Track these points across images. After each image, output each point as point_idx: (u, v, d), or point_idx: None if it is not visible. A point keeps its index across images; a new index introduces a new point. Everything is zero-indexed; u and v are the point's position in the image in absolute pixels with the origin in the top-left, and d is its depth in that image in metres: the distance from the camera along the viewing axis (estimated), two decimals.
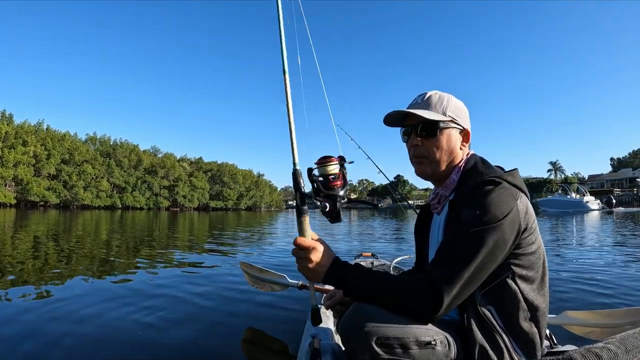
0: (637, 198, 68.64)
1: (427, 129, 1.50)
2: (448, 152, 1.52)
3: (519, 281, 1.33)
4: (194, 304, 4.05)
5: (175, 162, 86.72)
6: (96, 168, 71.15)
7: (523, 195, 1.37)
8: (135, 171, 78.95)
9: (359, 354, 1.25)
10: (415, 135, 1.52)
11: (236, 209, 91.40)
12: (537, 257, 1.38)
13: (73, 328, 3.21)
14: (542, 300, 1.38)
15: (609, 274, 5.60)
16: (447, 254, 1.28)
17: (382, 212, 57.09)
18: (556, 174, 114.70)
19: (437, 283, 1.21)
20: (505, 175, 1.39)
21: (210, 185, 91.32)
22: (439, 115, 1.49)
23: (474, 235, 1.25)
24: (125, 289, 4.73)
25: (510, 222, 1.27)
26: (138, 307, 3.85)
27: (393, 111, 1.55)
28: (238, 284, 4.89)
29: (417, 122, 1.51)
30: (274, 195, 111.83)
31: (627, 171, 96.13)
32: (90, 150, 73.57)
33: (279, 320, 3.54)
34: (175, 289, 4.70)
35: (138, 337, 3.03)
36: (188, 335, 3.10)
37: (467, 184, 1.42)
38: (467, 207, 1.31)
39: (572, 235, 13.02)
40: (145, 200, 78.13)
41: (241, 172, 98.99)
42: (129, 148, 79.90)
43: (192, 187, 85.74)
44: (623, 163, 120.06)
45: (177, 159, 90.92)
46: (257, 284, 3.82)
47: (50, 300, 4.04)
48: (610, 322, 2.19)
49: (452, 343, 1.28)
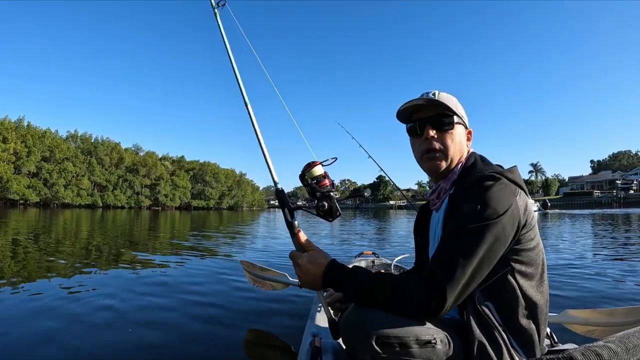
0: (616, 199, 69.78)
1: (444, 121, 1.48)
2: (459, 149, 1.51)
3: (519, 277, 1.33)
4: (193, 303, 4.02)
5: (157, 161, 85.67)
6: (77, 166, 69.79)
7: (522, 191, 1.36)
8: (117, 169, 77.72)
9: (359, 352, 1.26)
10: (430, 127, 1.49)
11: (218, 208, 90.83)
12: (536, 253, 1.37)
13: (69, 329, 3.18)
14: (541, 297, 1.37)
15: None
16: (448, 252, 1.26)
17: (364, 212, 57.24)
18: (537, 176, 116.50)
19: (439, 282, 1.21)
20: (505, 171, 1.38)
21: (192, 184, 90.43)
22: (454, 108, 1.48)
23: (474, 231, 1.24)
24: (119, 289, 4.61)
25: (509, 217, 1.27)
26: (134, 307, 3.83)
27: (409, 101, 1.51)
28: (238, 283, 4.90)
29: (433, 114, 1.49)
30: (256, 195, 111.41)
31: (606, 173, 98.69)
32: (71, 147, 72.02)
33: (279, 318, 3.55)
34: (174, 289, 4.66)
35: (135, 338, 3.01)
36: (189, 334, 3.09)
37: (467, 179, 1.42)
38: (467, 202, 1.30)
39: None
40: (127, 199, 77.00)
41: (223, 171, 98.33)
42: (111, 146, 78.56)
43: (174, 186, 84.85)
44: (603, 165, 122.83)
45: (159, 158, 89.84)
46: (258, 283, 3.81)
47: (45, 298, 4.03)
48: (611, 320, 2.19)
49: (452, 341, 1.28)
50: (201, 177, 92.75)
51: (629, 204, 63.35)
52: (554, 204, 69.09)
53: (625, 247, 9.37)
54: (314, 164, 1.56)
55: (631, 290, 4.74)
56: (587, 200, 73.44)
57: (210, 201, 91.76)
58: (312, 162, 1.57)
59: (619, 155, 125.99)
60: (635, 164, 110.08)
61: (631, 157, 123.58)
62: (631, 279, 5.38)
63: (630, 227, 15.88)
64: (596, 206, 60.55)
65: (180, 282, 5.08)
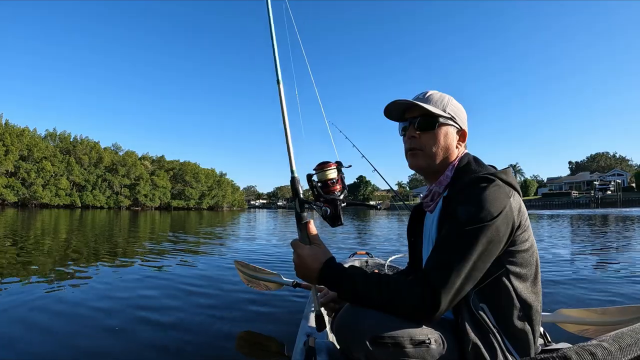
0: (594, 200, 70.34)
1: (426, 122, 1.49)
2: (444, 148, 1.51)
3: (513, 279, 1.32)
4: (186, 304, 4.00)
5: (136, 160, 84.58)
6: (55, 165, 68.62)
7: (516, 193, 1.37)
8: (96, 169, 76.58)
9: (353, 352, 1.26)
10: (413, 127, 1.51)
11: (198, 208, 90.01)
12: (530, 254, 1.37)
13: (62, 331, 3.17)
14: (535, 298, 1.37)
15: None
16: (443, 254, 1.26)
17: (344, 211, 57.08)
18: (516, 177, 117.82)
19: (435, 285, 1.21)
20: (499, 173, 1.38)
21: (172, 184, 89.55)
22: (438, 110, 1.48)
23: (469, 233, 1.24)
24: (110, 290, 4.59)
25: (504, 219, 1.27)
26: (126, 308, 3.82)
27: (393, 101, 1.53)
28: (232, 284, 4.87)
29: (416, 115, 1.51)
30: (236, 195, 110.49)
31: (584, 174, 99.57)
32: (49, 146, 70.90)
33: (273, 318, 3.53)
34: (167, 289, 4.65)
35: (133, 338, 3.00)
36: (182, 335, 3.07)
37: (461, 181, 1.41)
38: (461, 204, 1.30)
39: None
40: (106, 199, 75.81)
41: (203, 171, 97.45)
42: (90, 145, 77.35)
43: (154, 186, 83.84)
44: (581, 166, 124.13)
45: (139, 157, 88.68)
46: (252, 283, 3.79)
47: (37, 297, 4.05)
48: (604, 320, 2.19)
49: (446, 342, 1.28)
50: (181, 177, 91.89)
51: (606, 204, 64.94)
52: (532, 205, 70.27)
53: (606, 245, 9.65)
54: (328, 165, 1.49)
55: (613, 290, 4.80)
56: (565, 200, 73.78)
57: (191, 201, 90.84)
58: (325, 163, 1.49)
59: (597, 156, 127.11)
60: (612, 165, 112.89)
61: (609, 158, 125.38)
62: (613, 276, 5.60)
63: (608, 228, 16.18)
64: (574, 206, 61.59)
65: (172, 283, 5.04)
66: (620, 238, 11.78)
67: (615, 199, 69.37)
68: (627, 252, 8.64)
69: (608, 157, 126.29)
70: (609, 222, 20.96)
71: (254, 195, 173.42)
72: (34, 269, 5.98)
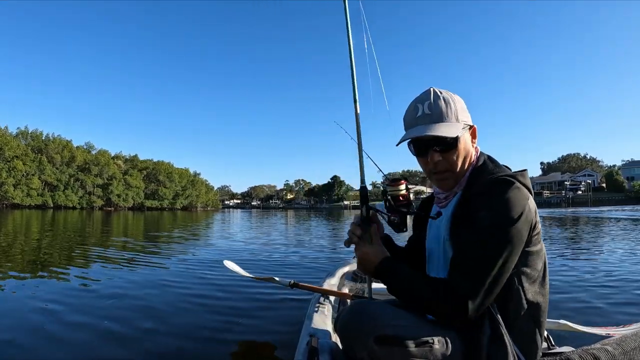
0: (565, 200, 71.25)
1: (448, 144, 1.43)
2: (465, 156, 1.47)
3: (523, 280, 1.32)
4: (185, 304, 3.94)
5: (109, 160, 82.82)
6: (27, 164, 66.55)
7: (531, 195, 1.36)
8: (68, 168, 74.73)
9: (357, 351, 1.26)
10: (434, 152, 1.44)
11: (172, 208, 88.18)
12: (540, 256, 1.36)
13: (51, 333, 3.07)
14: (543, 299, 1.36)
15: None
16: (468, 261, 1.26)
17: (318, 211, 57.08)
18: None
19: (463, 295, 1.21)
20: (517, 175, 1.36)
21: (146, 184, 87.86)
22: (455, 125, 1.41)
23: (494, 239, 1.24)
24: (101, 290, 4.52)
25: (524, 221, 1.26)
26: (118, 309, 3.75)
27: (414, 136, 1.44)
28: (232, 286, 4.74)
29: (436, 137, 1.40)
30: (210, 195, 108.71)
31: (556, 175, 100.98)
32: (21, 145, 68.71)
33: (275, 319, 3.46)
34: (163, 291, 4.54)
35: (130, 339, 2.95)
36: (180, 337, 3.01)
37: (479, 182, 1.39)
38: (483, 208, 1.28)
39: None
40: (78, 199, 73.98)
41: (177, 170, 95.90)
42: (62, 144, 75.44)
43: (127, 186, 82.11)
44: (552, 167, 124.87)
45: (112, 156, 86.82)
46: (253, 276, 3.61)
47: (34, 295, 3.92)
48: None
49: (450, 342, 1.28)
50: (155, 177, 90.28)
51: (577, 204, 65.87)
52: None
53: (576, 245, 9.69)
54: (400, 182, 1.58)
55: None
56: (536, 200, 72.65)
57: (164, 201, 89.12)
58: (398, 180, 1.58)
59: (568, 157, 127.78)
60: (583, 166, 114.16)
61: (580, 159, 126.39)
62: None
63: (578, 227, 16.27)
64: (546, 206, 61.95)
65: (165, 283, 4.96)
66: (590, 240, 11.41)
67: (586, 198, 70.45)
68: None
69: (579, 158, 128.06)
70: (579, 223, 20.69)
71: (228, 195, 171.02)
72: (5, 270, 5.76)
